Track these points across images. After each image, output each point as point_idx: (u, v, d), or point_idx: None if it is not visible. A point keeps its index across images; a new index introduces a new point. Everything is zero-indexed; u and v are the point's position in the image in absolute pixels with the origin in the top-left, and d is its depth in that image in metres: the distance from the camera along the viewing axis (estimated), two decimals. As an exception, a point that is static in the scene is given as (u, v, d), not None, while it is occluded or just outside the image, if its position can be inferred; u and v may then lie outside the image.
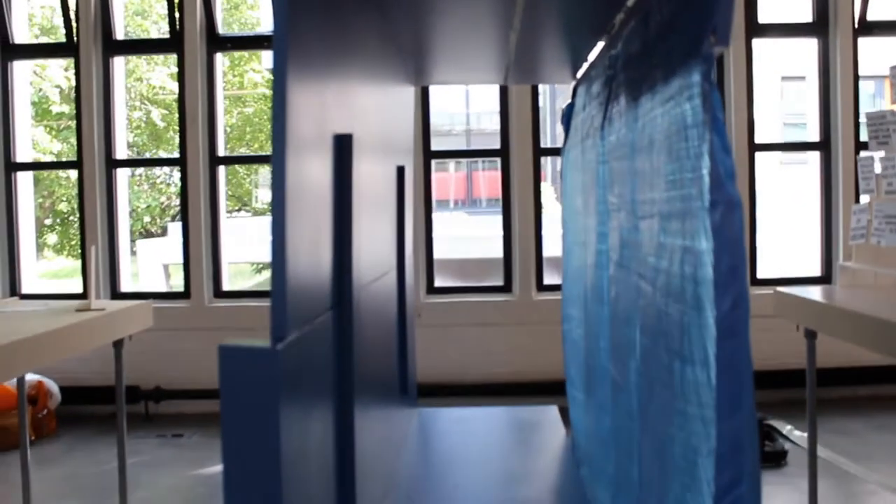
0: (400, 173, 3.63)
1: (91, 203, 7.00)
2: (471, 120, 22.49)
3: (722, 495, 1.64)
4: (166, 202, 22.33)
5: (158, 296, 7.37)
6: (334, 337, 2.11)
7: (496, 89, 7.14)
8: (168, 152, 21.79)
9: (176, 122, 7.46)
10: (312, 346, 1.92)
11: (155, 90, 20.12)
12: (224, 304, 6.97)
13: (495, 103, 7.24)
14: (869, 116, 4.67)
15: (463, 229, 13.57)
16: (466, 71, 4.40)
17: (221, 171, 7.12)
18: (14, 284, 7.12)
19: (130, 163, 9.06)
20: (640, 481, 2.36)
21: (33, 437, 6.01)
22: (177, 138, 7.15)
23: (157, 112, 20.29)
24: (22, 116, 7.29)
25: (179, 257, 7.26)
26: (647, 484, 2.28)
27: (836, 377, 6.50)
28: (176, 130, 6.85)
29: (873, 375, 6.56)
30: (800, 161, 11.38)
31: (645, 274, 2.30)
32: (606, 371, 2.94)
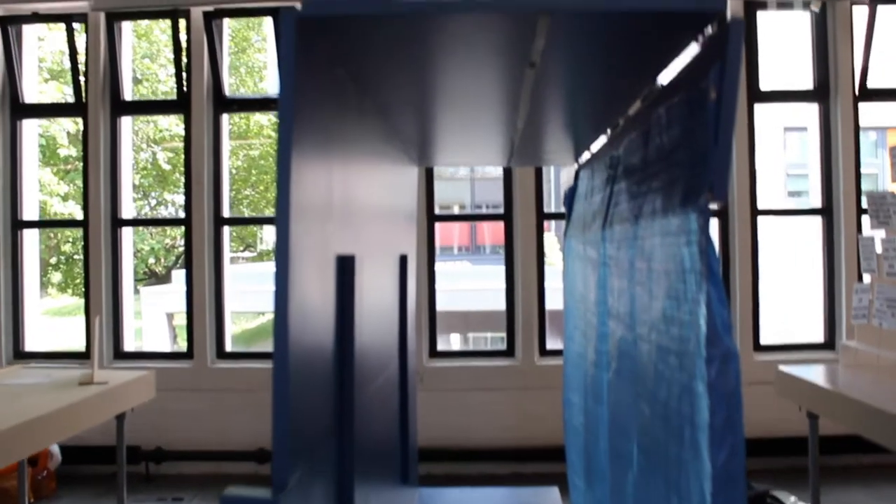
0: (403, 263, 3.65)
1: (96, 261, 7.03)
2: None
3: None
4: (171, 243, 22.41)
5: (161, 356, 7.40)
6: (336, 466, 2.12)
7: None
8: (172, 194, 21.93)
9: (182, 165, 7.51)
10: (314, 480, 1.93)
11: (161, 132, 20.29)
12: (227, 366, 6.96)
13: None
14: (870, 196, 4.71)
15: (466, 282, 13.61)
16: (470, 155, 4.45)
17: (226, 232, 7.15)
18: (18, 341, 7.14)
19: (136, 222, 9.08)
20: None
21: (32, 500, 5.99)
22: (182, 180, 7.20)
23: (164, 155, 20.44)
24: (29, 174, 7.34)
25: (183, 306, 7.28)
26: None
27: (839, 445, 6.45)
28: (182, 172, 6.91)
29: (876, 444, 6.51)
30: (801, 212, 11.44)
31: (643, 394, 2.31)
32: (605, 474, 2.94)
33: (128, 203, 7.29)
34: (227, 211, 7.21)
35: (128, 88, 7.29)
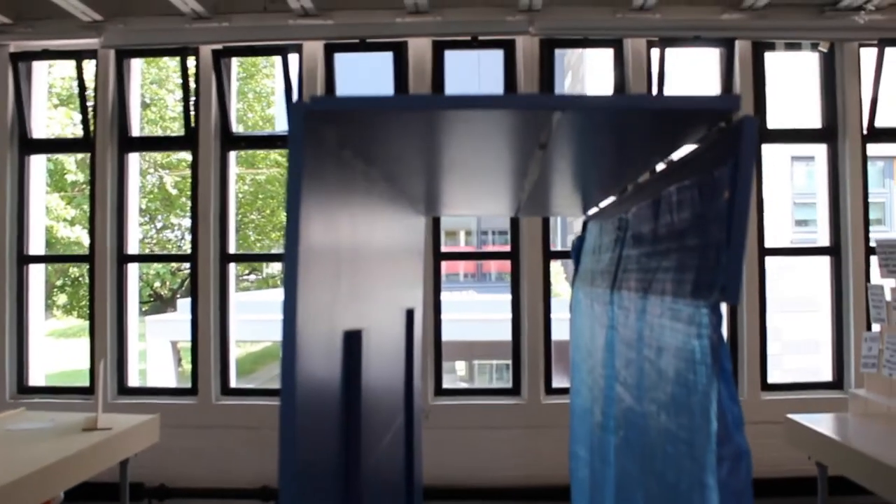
0: (409, 317, 3.64)
1: (101, 296, 7.03)
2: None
3: None
4: (176, 267, 22.43)
5: (165, 392, 7.36)
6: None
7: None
8: (179, 218, 21.99)
9: (188, 189, 7.52)
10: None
11: (169, 157, 20.37)
12: (231, 402, 6.94)
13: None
14: (880, 244, 4.69)
15: (472, 313, 13.60)
16: (478, 208, 4.45)
17: (232, 268, 7.14)
18: (22, 376, 7.12)
19: (142, 258, 9.07)
20: None
21: (35, 539, 5.95)
22: (189, 204, 7.20)
23: (171, 178, 20.51)
24: (36, 209, 7.35)
25: (187, 334, 7.25)
26: None
27: (848, 485, 6.40)
28: (188, 196, 6.92)
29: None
30: (811, 241, 11.42)
31: (651, 471, 2.29)
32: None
33: (134, 239, 7.28)
34: (234, 247, 7.20)
35: (136, 123, 7.31)
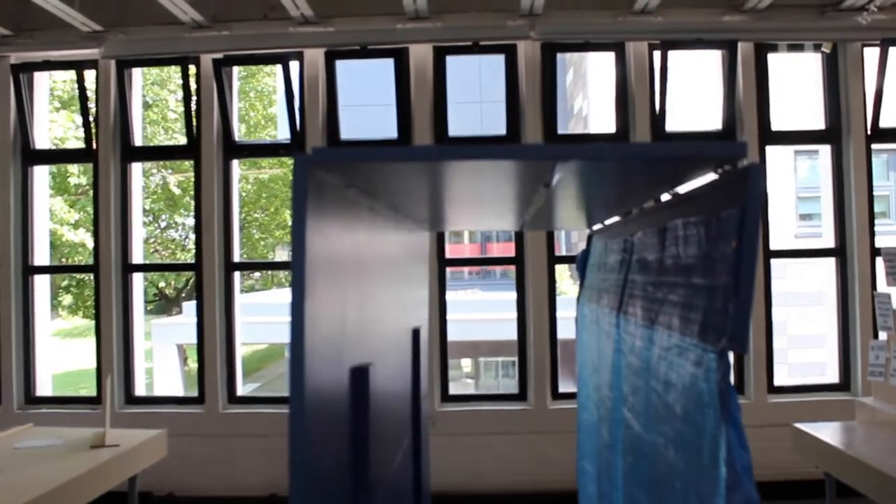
0: (415, 336, 3.64)
1: (107, 306, 7.03)
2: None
3: None
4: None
5: (172, 401, 7.36)
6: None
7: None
8: (183, 217, 21.99)
9: (192, 188, 7.52)
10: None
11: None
12: (238, 410, 6.95)
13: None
14: (886, 252, 4.68)
15: (477, 313, 13.60)
16: (483, 224, 4.44)
17: (236, 277, 7.14)
18: (29, 387, 7.14)
19: (147, 267, 9.07)
20: None
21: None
22: (192, 203, 7.20)
23: (174, 178, 20.51)
24: (40, 220, 7.35)
25: (193, 338, 7.26)
26: None
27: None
28: (192, 196, 6.93)
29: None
30: (815, 234, 11.38)
31: (658, 503, 2.29)
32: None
33: (138, 248, 7.28)
34: (238, 255, 7.20)
35: (138, 132, 7.30)
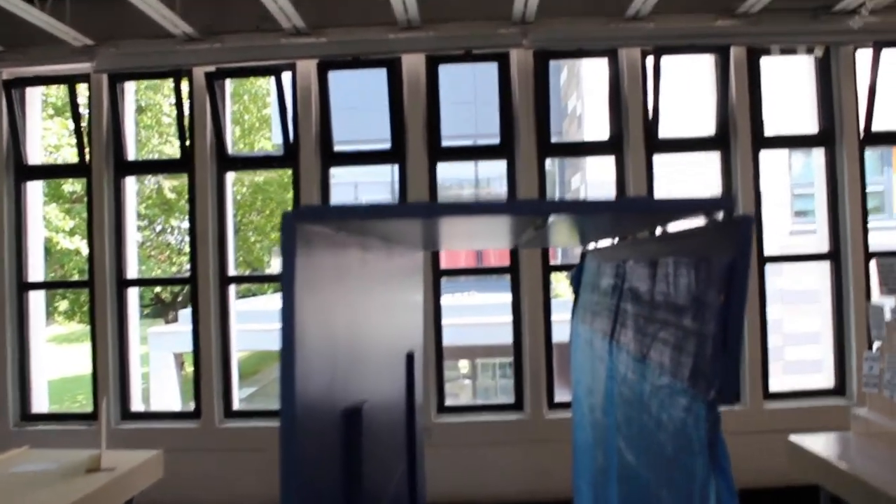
0: (409, 360, 3.63)
1: (102, 321, 7.01)
2: (480, 183, 22.54)
3: None
4: (178, 271, 22.42)
5: (169, 416, 7.34)
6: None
7: (504, 164, 7.13)
8: (179, 221, 21.94)
9: (186, 192, 7.51)
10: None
11: (167, 157, 20.30)
12: (234, 425, 6.93)
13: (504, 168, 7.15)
14: (879, 262, 4.67)
15: (473, 317, 13.61)
16: (477, 245, 4.43)
17: (231, 290, 7.13)
18: (25, 404, 7.12)
19: (141, 282, 9.06)
20: None
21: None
22: (188, 206, 7.18)
23: (168, 183, 20.47)
24: (34, 236, 7.33)
25: (189, 346, 7.23)
26: None
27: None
28: (187, 199, 6.95)
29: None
30: (810, 231, 11.35)
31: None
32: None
33: (132, 264, 7.26)
34: (233, 268, 7.18)
35: (131, 146, 7.28)
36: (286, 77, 6.98)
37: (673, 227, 2.26)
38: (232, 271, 7.13)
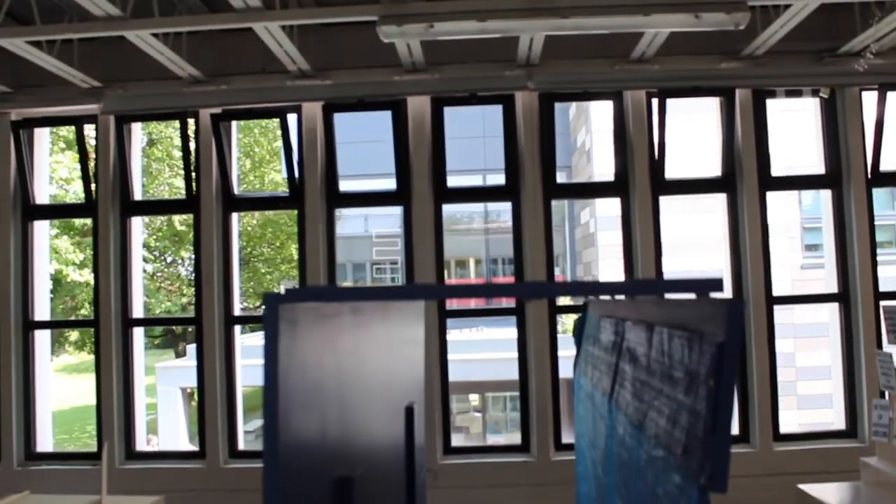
0: (409, 414, 3.59)
1: (107, 361, 7.00)
2: (489, 216, 22.53)
3: None
4: (188, 302, 22.47)
5: (173, 456, 7.32)
6: None
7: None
8: (189, 252, 22.01)
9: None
10: None
11: (176, 193, 20.42)
12: (239, 466, 6.89)
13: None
14: (887, 310, 4.63)
15: (482, 353, 13.55)
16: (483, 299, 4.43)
17: (237, 331, 7.11)
18: (29, 443, 7.10)
19: (147, 322, 9.07)
20: None
21: None
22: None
23: (179, 217, 20.55)
24: (41, 275, 7.35)
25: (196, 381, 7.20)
26: None
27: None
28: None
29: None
30: (820, 265, 11.28)
31: None
32: None
33: (138, 304, 7.26)
34: (238, 309, 7.18)
35: (137, 186, 7.31)
36: (292, 119, 7.01)
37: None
38: (237, 311, 7.12)
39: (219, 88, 6.91)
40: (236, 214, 7.23)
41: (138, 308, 7.28)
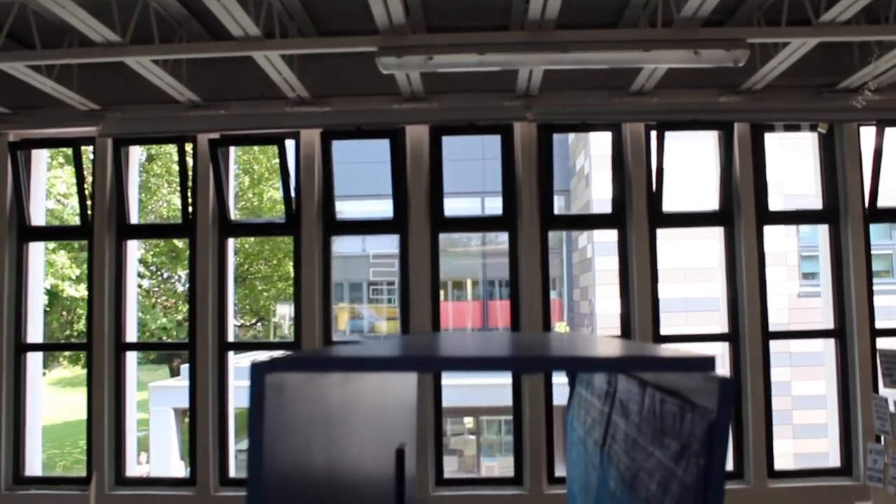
0: (399, 456, 3.55)
1: (99, 386, 6.95)
2: (487, 241, 22.46)
3: None
4: (183, 318, 22.39)
5: (163, 482, 7.27)
6: None
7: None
8: (186, 269, 21.97)
9: None
10: None
11: (174, 210, 20.40)
12: (230, 493, 6.83)
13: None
14: (882, 354, 4.60)
15: (477, 378, 13.50)
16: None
17: (230, 357, 7.07)
18: (18, 466, 7.04)
19: (140, 346, 9.03)
20: None
21: None
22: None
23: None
24: (35, 297, 7.32)
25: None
26: None
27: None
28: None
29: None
30: (816, 294, 11.23)
31: None
32: None
33: (132, 327, 7.23)
34: (232, 333, 7.14)
35: (134, 212, 7.29)
36: (290, 145, 7.00)
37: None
38: (231, 337, 7.08)
39: (217, 113, 6.90)
40: (232, 240, 7.20)
41: (132, 332, 7.23)
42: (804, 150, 7.48)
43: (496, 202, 7.29)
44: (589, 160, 16.30)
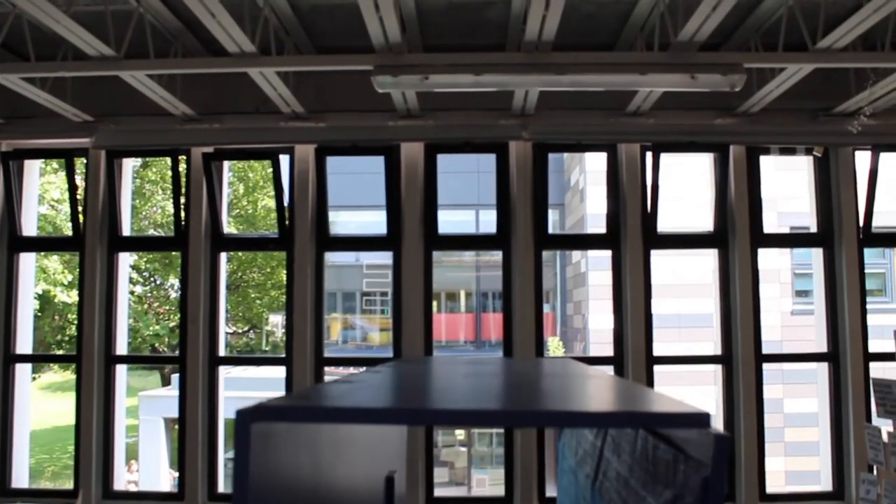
0: (389, 484, 3.52)
1: (88, 399, 6.90)
2: (481, 254, 22.41)
3: None
4: (176, 324, 22.31)
5: (151, 496, 7.20)
6: None
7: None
8: (178, 277, 21.91)
9: None
10: None
11: (167, 216, 20.35)
12: (217, 510, 6.79)
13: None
14: (876, 383, 4.58)
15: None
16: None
17: (221, 372, 7.03)
18: (4, 479, 6.98)
19: (130, 359, 8.98)
20: None
21: None
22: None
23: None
24: (24, 308, 7.27)
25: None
26: None
27: None
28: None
29: None
30: (809, 311, 11.20)
31: None
32: None
33: (122, 341, 7.18)
34: (223, 344, 7.10)
35: (126, 224, 7.25)
36: (284, 160, 6.98)
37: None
38: (222, 349, 7.04)
39: (211, 127, 6.87)
40: (224, 254, 7.17)
41: (122, 344, 7.18)
42: (800, 170, 7.46)
43: (490, 215, 7.26)
44: (584, 175, 16.29)
